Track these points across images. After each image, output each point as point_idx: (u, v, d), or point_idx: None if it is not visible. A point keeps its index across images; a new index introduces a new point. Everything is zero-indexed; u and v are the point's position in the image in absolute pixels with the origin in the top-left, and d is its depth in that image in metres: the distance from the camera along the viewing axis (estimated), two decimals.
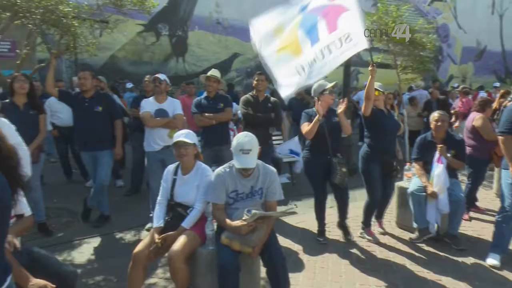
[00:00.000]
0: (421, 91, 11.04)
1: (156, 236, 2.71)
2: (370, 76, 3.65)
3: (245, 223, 2.50)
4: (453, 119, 8.85)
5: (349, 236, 4.09)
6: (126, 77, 11.97)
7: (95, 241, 4.20)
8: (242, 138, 2.67)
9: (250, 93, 4.81)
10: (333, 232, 4.25)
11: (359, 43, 3.35)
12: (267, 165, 2.84)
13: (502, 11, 21.31)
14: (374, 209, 4.17)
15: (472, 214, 4.85)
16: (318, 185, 4.00)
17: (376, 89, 4.00)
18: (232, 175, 2.74)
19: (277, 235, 4.15)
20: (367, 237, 4.14)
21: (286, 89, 3.66)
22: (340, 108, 3.81)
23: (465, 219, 4.50)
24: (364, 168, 4.04)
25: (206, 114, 4.62)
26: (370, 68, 3.63)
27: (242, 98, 4.82)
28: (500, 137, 3.47)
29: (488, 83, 17.39)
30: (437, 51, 19.14)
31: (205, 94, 4.85)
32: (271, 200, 2.77)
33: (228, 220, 2.63)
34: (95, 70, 10.43)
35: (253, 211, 2.52)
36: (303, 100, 8.10)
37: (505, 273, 3.40)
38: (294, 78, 3.60)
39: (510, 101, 4.88)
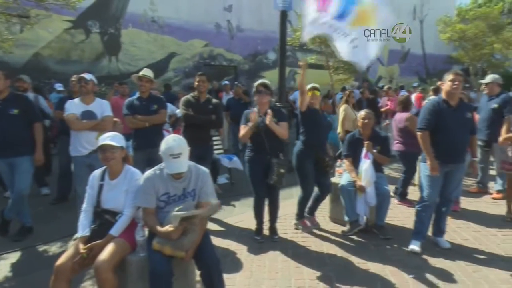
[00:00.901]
0: (353, 91, 11.64)
1: (81, 246, 2.55)
2: (301, 71, 3.88)
3: (172, 228, 2.44)
4: (383, 116, 9.49)
5: (275, 236, 4.14)
6: (53, 76, 11.14)
7: (15, 256, 3.84)
8: (171, 142, 2.59)
9: (191, 94, 4.73)
10: None
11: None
12: (199, 165, 2.80)
13: (422, 17, 23.23)
14: (307, 202, 4.35)
15: (397, 204, 5.28)
16: (257, 184, 4.02)
17: (315, 89, 4.17)
18: (162, 177, 2.65)
19: (215, 236, 4.21)
20: (301, 227, 4.33)
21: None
22: (267, 119, 3.77)
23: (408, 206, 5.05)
24: (298, 164, 4.18)
25: (139, 116, 4.44)
26: (300, 63, 3.89)
27: (183, 99, 4.72)
28: (418, 133, 3.77)
29: (412, 83, 18.86)
30: None
31: (137, 94, 4.67)
32: (204, 201, 2.73)
33: (158, 226, 2.54)
34: (15, 69, 9.59)
35: (174, 212, 2.45)
36: (240, 100, 8.15)
37: (424, 257, 3.70)
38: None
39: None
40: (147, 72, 4.52)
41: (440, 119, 3.64)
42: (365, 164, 4.10)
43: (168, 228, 2.46)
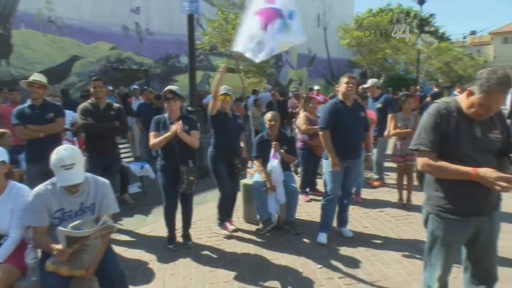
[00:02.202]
0: (265, 93, 12.04)
1: None
2: (218, 76, 3.92)
3: (61, 247, 2.23)
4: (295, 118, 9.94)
5: (189, 243, 4.09)
6: None
7: None
8: (62, 152, 2.38)
9: (89, 101, 4.42)
10: None
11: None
12: (98, 177, 2.63)
13: (326, 24, 24.99)
14: (227, 203, 4.39)
15: (308, 198, 5.63)
16: (168, 192, 3.92)
17: (226, 93, 4.20)
18: (55, 192, 2.43)
19: (126, 247, 4.00)
20: (222, 231, 4.33)
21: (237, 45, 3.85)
22: (177, 129, 3.67)
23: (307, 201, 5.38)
24: (212, 167, 4.23)
25: (32, 126, 4.03)
26: (220, 69, 3.95)
27: (80, 107, 4.38)
28: (320, 132, 4.04)
29: (320, 85, 20.20)
30: (277, 57, 21.25)
31: (29, 102, 4.23)
32: (106, 214, 2.57)
33: (53, 245, 2.32)
34: None
35: (59, 228, 2.23)
36: (152, 105, 7.90)
37: (330, 247, 3.97)
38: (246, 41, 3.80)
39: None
40: (38, 77, 4.12)
41: (338, 119, 3.95)
42: (273, 163, 4.26)
43: (58, 247, 2.26)
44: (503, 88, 1.93)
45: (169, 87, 3.97)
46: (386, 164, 6.55)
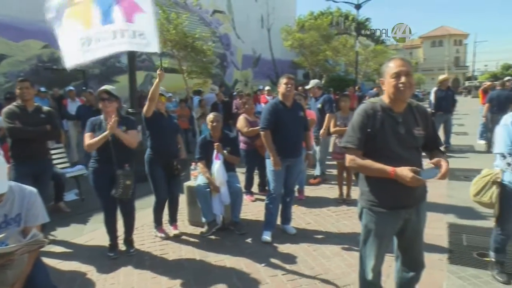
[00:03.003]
0: (210, 94, 11.95)
1: None
2: (157, 79, 3.81)
3: None
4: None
5: (132, 249, 3.95)
6: None
7: None
8: None
9: (15, 103, 4.09)
10: None
11: (151, 45, 3.54)
12: (24, 185, 2.44)
13: (270, 25, 25.44)
14: (162, 208, 4.31)
15: (254, 198, 5.68)
16: (105, 197, 3.74)
17: (161, 94, 4.10)
18: None
19: (61, 259, 3.77)
20: (159, 234, 4.27)
21: (69, 59, 3.56)
22: (110, 125, 3.52)
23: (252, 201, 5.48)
24: (149, 170, 4.14)
25: None
26: (158, 71, 3.82)
27: (5, 111, 4.03)
28: (261, 133, 4.10)
29: (265, 85, 20.50)
30: (222, 58, 21.23)
31: None
32: (34, 225, 2.39)
33: None
34: None
35: None
36: (92, 107, 7.50)
37: (275, 245, 4.04)
38: (76, 48, 3.54)
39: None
40: None
41: (279, 119, 4.03)
42: (216, 165, 4.25)
43: None
44: (392, 61, 2.21)
45: (104, 87, 3.80)
46: (328, 162, 6.82)
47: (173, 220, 4.48)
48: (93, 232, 4.49)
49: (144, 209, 4.85)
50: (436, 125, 9.47)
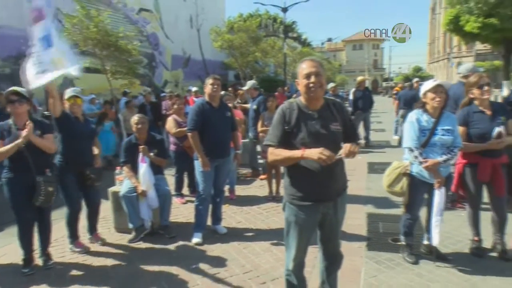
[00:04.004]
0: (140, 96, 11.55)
1: None
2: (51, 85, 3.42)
3: None
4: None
5: (49, 263, 3.65)
6: None
7: None
8: None
9: None
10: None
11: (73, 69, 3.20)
12: None
13: (199, 26, 25.18)
14: (76, 219, 3.98)
15: (184, 200, 5.61)
16: (23, 208, 3.41)
17: (75, 96, 3.85)
18: None
19: None
20: (76, 249, 3.94)
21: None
22: (25, 132, 3.25)
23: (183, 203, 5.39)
24: (59, 178, 3.74)
25: None
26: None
27: None
28: (189, 134, 4.07)
29: (196, 86, 20.27)
30: (150, 58, 20.57)
31: None
32: None
33: None
34: None
35: None
36: (4, 109, 6.78)
37: (205, 246, 4.03)
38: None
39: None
40: None
41: (206, 119, 4.03)
42: (143, 168, 4.12)
43: None
44: (304, 62, 2.34)
45: (13, 87, 3.47)
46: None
47: (93, 230, 4.19)
48: (3, 248, 4.08)
49: (63, 218, 4.52)
50: (356, 123, 10.21)
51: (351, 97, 10.25)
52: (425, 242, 3.59)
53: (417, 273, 3.31)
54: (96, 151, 4.08)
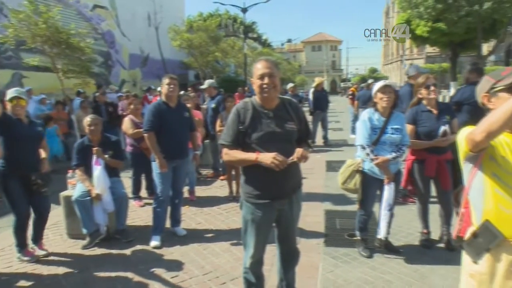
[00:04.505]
0: (110, 95, 11.14)
1: None
2: None
3: None
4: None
5: None
6: None
7: None
8: None
9: None
10: None
11: None
12: None
13: (157, 24, 24.64)
14: (24, 226, 3.74)
15: (142, 203, 5.48)
16: None
17: (17, 97, 3.61)
18: None
19: None
20: (25, 258, 3.72)
21: None
22: None
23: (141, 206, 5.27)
24: (1, 185, 3.55)
25: None
26: None
27: None
28: (145, 135, 3.97)
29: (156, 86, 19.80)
30: (106, 56, 19.86)
31: None
32: None
33: None
34: None
35: None
36: None
37: (164, 249, 3.95)
38: None
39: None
40: None
41: (163, 120, 3.96)
42: (97, 170, 3.98)
43: None
44: (259, 62, 2.35)
45: None
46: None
47: (38, 239, 3.91)
48: None
49: (10, 227, 4.26)
50: (314, 122, 10.46)
51: (310, 97, 10.48)
52: (379, 236, 3.74)
53: (371, 266, 3.44)
54: (43, 154, 3.83)
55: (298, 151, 2.25)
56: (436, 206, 3.86)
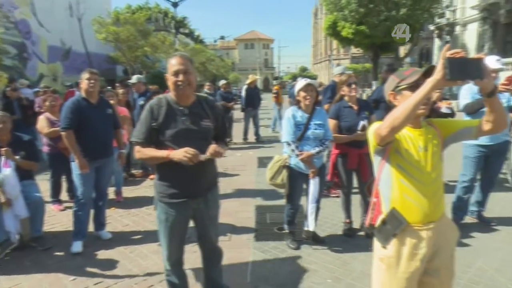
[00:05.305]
0: (24, 89, 10.11)
1: None
2: None
3: None
4: None
5: None
6: None
7: None
8: None
9: None
10: None
11: None
12: None
13: (80, 15, 22.99)
14: None
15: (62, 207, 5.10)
16: None
17: None
18: None
19: None
20: None
21: None
22: None
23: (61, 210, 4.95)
24: None
25: None
26: None
27: None
28: (62, 133, 3.69)
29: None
30: (20, 48, 18.09)
31: None
32: None
33: None
34: None
35: None
36: None
37: (87, 255, 3.71)
38: None
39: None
40: None
41: (82, 117, 3.70)
42: (6, 173, 3.60)
43: None
44: (173, 58, 2.28)
45: None
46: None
47: None
48: None
49: None
50: (246, 119, 10.58)
51: (243, 94, 10.57)
52: (306, 228, 3.90)
53: (299, 257, 3.58)
54: None
55: (212, 147, 2.24)
56: (358, 197, 4.12)
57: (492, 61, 3.61)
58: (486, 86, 1.55)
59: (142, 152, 2.29)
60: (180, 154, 2.12)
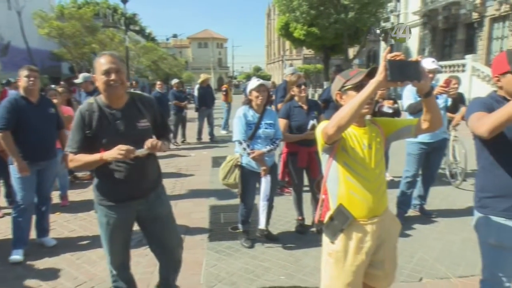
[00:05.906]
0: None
1: None
2: None
3: None
4: None
5: None
6: None
7: None
8: None
9: None
10: None
11: None
12: None
13: (20, 8, 21.47)
14: None
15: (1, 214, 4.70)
16: None
17: None
18: None
19: None
20: None
21: None
22: None
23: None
24: None
25: None
26: None
27: None
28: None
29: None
30: None
31: None
32: None
33: None
34: None
35: None
36: None
37: (28, 263, 3.49)
38: None
39: None
40: None
41: (21, 117, 3.47)
42: None
43: None
44: (102, 57, 2.14)
45: None
46: None
47: None
48: None
49: None
50: (200, 119, 10.48)
51: (195, 94, 10.44)
52: (260, 227, 3.94)
53: (252, 255, 3.60)
54: None
55: (149, 140, 2.12)
56: (309, 194, 4.23)
57: (428, 63, 3.88)
58: (423, 87, 1.65)
59: (75, 160, 2.14)
60: (114, 153, 2.02)
